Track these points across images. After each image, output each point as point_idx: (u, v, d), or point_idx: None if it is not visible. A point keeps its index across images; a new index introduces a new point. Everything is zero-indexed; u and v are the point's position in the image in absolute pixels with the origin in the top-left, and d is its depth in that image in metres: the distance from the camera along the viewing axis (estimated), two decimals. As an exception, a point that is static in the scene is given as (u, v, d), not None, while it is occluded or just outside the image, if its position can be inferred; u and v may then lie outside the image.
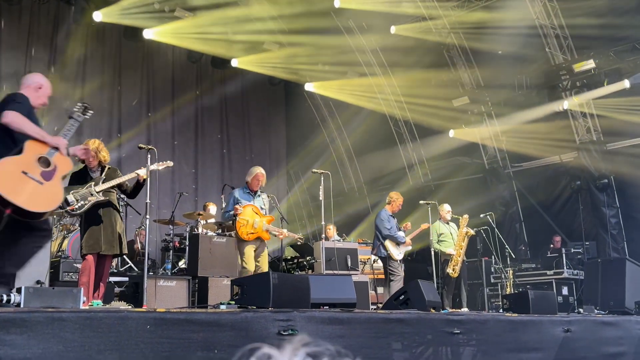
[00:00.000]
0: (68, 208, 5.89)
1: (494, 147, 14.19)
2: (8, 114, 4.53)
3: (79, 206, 5.91)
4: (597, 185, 12.45)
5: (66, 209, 5.94)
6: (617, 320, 7.57)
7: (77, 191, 5.96)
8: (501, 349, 5.99)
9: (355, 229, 14.67)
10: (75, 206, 5.90)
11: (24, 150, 4.58)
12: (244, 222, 7.55)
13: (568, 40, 12.31)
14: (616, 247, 12.25)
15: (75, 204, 5.89)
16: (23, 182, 4.45)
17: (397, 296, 6.60)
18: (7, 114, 4.52)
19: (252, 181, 7.82)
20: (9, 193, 4.33)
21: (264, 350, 1.22)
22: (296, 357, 1.22)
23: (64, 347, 3.45)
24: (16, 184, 4.41)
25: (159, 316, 3.93)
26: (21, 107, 4.72)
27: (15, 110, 4.60)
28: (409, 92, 14.91)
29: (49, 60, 12.29)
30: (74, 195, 5.92)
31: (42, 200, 4.54)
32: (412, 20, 13.69)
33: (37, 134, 4.69)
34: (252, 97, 16.09)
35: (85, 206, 5.94)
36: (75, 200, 5.90)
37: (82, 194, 5.96)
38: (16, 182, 4.42)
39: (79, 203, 5.91)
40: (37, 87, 5.21)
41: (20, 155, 4.55)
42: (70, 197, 5.89)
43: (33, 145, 4.64)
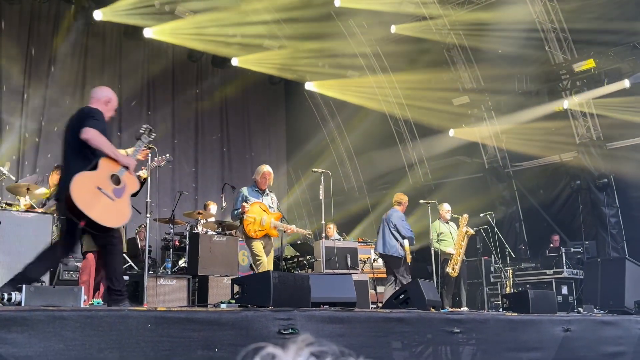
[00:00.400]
0: None
1: (494, 147, 14.19)
2: (89, 131, 4.81)
3: None
4: (596, 184, 12.46)
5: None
6: (616, 320, 7.57)
7: None
8: (501, 348, 5.99)
9: (355, 229, 14.68)
10: None
11: (98, 167, 4.87)
12: (252, 220, 7.56)
13: (568, 39, 12.31)
14: (616, 247, 12.26)
15: None
16: (97, 197, 4.78)
17: (397, 295, 6.61)
18: (88, 131, 4.80)
19: (261, 179, 7.86)
20: (85, 207, 4.65)
21: (268, 349, 1.23)
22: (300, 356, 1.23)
23: (65, 346, 3.46)
24: (91, 198, 4.73)
25: (159, 315, 3.94)
26: (99, 124, 4.97)
27: (94, 128, 4.87)
28: (409, 91, 14.92)
29: (49, 59, 12.29)
30: None
31: (112, 216, 4.89)
32: (413, 20, 13.70)
33: (112, 152, 4.98)
34: (252, 96, 16.10)
35: None
36: None
37: None
38: (91, 197, 4.73)
39: None
40: (107, 100, 5.39)
41: (95, 171, 4.85)
42: None
43: (107, 162, 4.94)
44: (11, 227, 6.67)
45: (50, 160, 11.83)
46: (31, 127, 11.86)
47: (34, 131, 11.90)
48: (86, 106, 5.21)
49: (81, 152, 4.89)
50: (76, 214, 4.67)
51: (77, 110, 5.20)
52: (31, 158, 11.74)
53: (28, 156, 11.72)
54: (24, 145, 11.69)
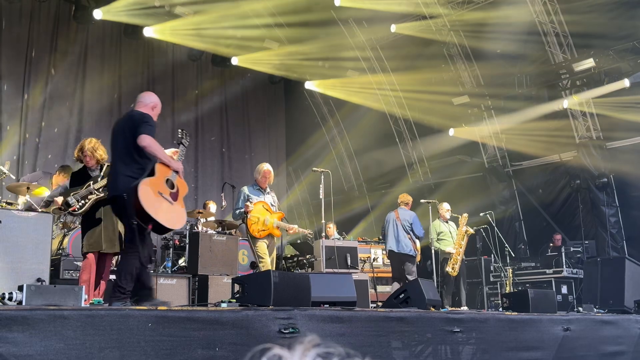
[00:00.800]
0: (70, 209, 5.95)
1: (493, 146, 14.20)
2: (146, 138, 5.04)
3: (80, 205, 5.97)
4: (596, 184, 12.46)
5: (68, 211, 6.00)
6: (616, 319, 7.58)
7: (76, 192, 6.00)
8: (501, 347, 6.00)
9: (355, 228, 14.69)
10: (76, 206, 5.95)
11: (155, 173, 5.13)
12: (255, 220, 7.56)
13: (568, 39, 12.31)
14: (615, 246, 12.26)
15: (76, 204, 5.95)
16: (160, 202, 5.07)
17: (397, 294, 6.62)
18: (145, 138, 5.03)
19: (261, 178, 7.87)
20: (153, 211, 4.94)
21: (275, 351, 1.24)
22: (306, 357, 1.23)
23: (66, 345, 3.47)
24: (156, 203, 5.02)
25: (160, 314, 3.95)
26: (152, 130, 5.19)
27: (149, 134, 5.10)
28: (409, 90, 14.91)
29: (49, 58, 12.29)
30: (74, 196, 5.97)
31: (174, 219, 5.18)
32: (413, 19, 13.70)
33: (166, 158, 5.24)
34: (252, 95, 16.10)
35: (86, 205, 5.99)
36: (76, 201, 5.96)
37: (82, 194, 6.01)
38: (156, 202, 5.02)
39: (79, 203, 5.96)
40: (153, 106, 5.53)
41: (154, 177, 5.11)
42: (71, 199, 5.96)
43: (161, 167, 5.20)
44: (11, 226, 6.66)
45: (50, 161, 11.84)
46: (31, 127, 11.86)
47: (34, 131, 11.90)
48: (135, 110, 5.37)
49: (132, 155, 5.11)
50: (144, 218, 4.93)
51: (127, 115, 5.39)
52: (31, 158, 11.75)
53: (28, 156, 11.72)
54: (24, 144, 11.68)
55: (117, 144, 5.23)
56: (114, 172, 5.22)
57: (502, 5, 12.32)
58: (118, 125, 5.36)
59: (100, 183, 6.08)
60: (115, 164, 5.23)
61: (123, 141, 5.17)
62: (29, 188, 7.81)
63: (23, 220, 6.85)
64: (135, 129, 5.07)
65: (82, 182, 6.16)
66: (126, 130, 5.16)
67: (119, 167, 5.14)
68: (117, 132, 5.29)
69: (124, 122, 5.31)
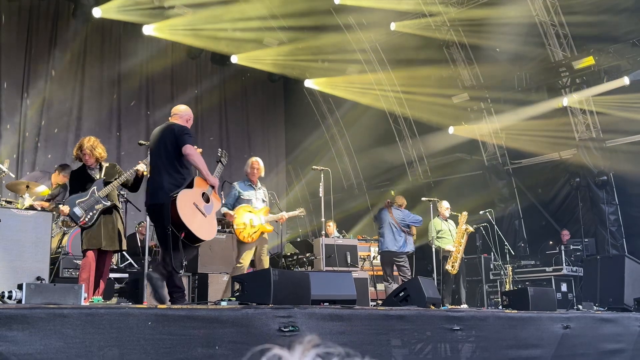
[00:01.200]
0: (80, 222, 5.95)
1: (493, 144, 14.19)
2: (190, 147, 5.45)
3: (89, 218, 5.97)
4: (596, 182, 12.46)
5: (78, 224, 5.99)
6: (616, 317, 7.58)
7: (82, 200, 5.99)
8: (500, 345, 6.00)
9: (355, 226, 14.69)
10: (85, 219, 5.95)
11: (194, 185, 5.49)
12: (242, 227, 7.46)
13: (568, 37, 12.31)
14: (615, 244, 12.27)
15: (84, 216, 5.95)
16: (194, 213, 5.40)
17: (396, 292, 6.62)
18: (189, 148, 5.44)
19: (250, 171, 7.79)
20: (187, 221, 5.26)
21: (275, 351, 1.24)
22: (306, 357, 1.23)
23: (65, 344, 3.47)
24: (190, 213, 5.35)
25: (159, 312, 3.95)
26: (194, 141, 5.60)
27: (192, 145, 5.51)
28: (408, 88, 14.91)
29: (49, 56, 12.28)
30: (81, 207, 5.95)
31: (205, 231, 5.50)
32: (412, 17, 13.69)
33: (205, 170, 5.58)
34: (252, 93, 16.09)
35: (95, 216, 5.99)
36: (84, 212, 5.95)
37: (89, 204, 5.99)
38: (190, 212, 5.35)
39: (87, 215, 5.96)
40: (188, 119, 5.93)
41: (192, 189, 5.46)
42: (79, 210, 5.95)
43: (199, 181, 5.57)
44: (11, 224, 6.66)
45: (50, 160, 11.83)
46: (31, 125, 11.85)
47: (34, 129, 11.89)
48: (174, 123, 5.73)
49: (174, 166, 5.47)
50: (179, 226, 5.27)
51: (167, 126, 5.69)
52: (30, 156, 11.74)
53: (27, 154, 11.72)
54: (24, 143, 11.68)
55: (159, 154, 5.54)
56: (156, 182, 5.50)
57: (502, 3, 12.31)
58: (158, 135, 5.65)
59: (104, 190, 6.07)
60: (158, 174, 5.51)
61: (165, 152, 5.50)
62: (28, 187, 7.81)
63: (22, 218, 6.85)
64: (177, 141, 5.45)
65: (82, 181, 6.15)
66: (167, 142, 5.50)
67: (163, 177, 5.45)
68: (158, 142, 5.59)
69: (164, 133, 5.60)
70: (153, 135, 5.80)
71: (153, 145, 5.70)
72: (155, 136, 5.73)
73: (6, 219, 6.64)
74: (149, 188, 5.63)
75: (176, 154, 5.47)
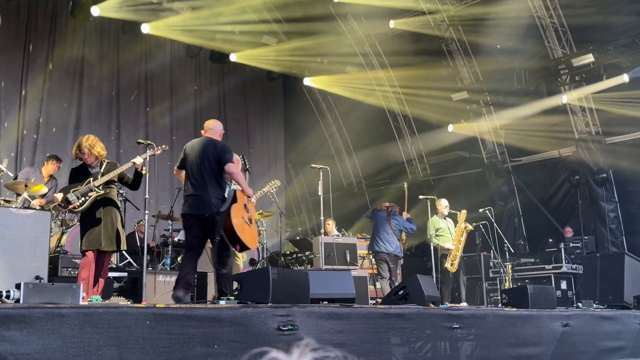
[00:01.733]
0: (70, 207, 5.93)
1: (492, 142, 14.18)
2: (232, 166, 5.98)
3: (80, 203, 5.95)
4: (595, 179, 12.45)
5: (68, 208, 5.98)
6: (615, 315, 7.58)
7: (76, 189, 5.98)
8: (500, 343, 6.00)
9: (354, 224, 14.66)
10: (76, 203, 5.93)
11: (237, 199, 5.95)
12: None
13: (567, 34, 12.29)
14: (615, 242, 12.26)
15: (76, 201, 5.93)
16: (244, 225, 5.95)
17: (396, 291, 6.61)
18: (232, 167, 5.97)
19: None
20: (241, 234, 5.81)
21: (272, 354, 1.23)
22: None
23: (64, 343, 3.46)
24: (242, 226, 5.88)
25: (158, 312, 3.94)
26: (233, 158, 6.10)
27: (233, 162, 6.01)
28: (407, 86, 14.89)
29: (47, 55, 12.26)
30: (74, 193, 5.95)
31: (252, 240, 6.10)
32: (411, 15, 13.67)
33: (245, 184, 6.08)
34: (251, 91, 16.06)
35: (87, 202, 5.97)
36: (76, 198, 5.94)
37: (82, 191, 5.98)
38: (242, 226, 5.87)
39: (79, 200, 5.94)
40: (221, 133, 6.49)
41: (237, 203, 5.94)
42: (71, 196, 5.94)
43: (241, 194, 6.03)
44: (9, 223, 6.65)
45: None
46: (29, 124, 11.83)
47: (32, 128, 11.88)
48: (213, 138, 6.23)
49: (218, 180, 5.97)
50: (233, 239, 5.83)
51: (207, 141, 6.13)
52: (29, 155, 11.72)
53: (26, 153, 11.70)
54: (22, 141, 11.66)
55: (203, 167, 5.96)
56: (205, 193, 5.90)
57: (501, 0, 12.29)
58: (200, 150, 6.05)
59: (100, 180, 6.05)
60: (204, 188, 5.92)
61: (209, 167, 5.96)
62: (26, 186, 7.80)
63: (21, 217, 6.84)
64: (220, 157, 5.95)
65: (82, 179, 6.14)
66: (211, 158, 5.96)
67: (211, 190, 5.90)
68: (201, 156, 6.00)
69: (207, 148, 6.04)
70: (192, 148, 6.12)
71: (195, 159, 6.03)
72: (195, 150, 6.07)
73: (5, 218, 6.63)
74: (192, 200, 5.96)
75: (219, 169, 5.94)
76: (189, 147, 6.19)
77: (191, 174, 6.04)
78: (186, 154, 6.16)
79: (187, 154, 6.15)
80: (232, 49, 14.03)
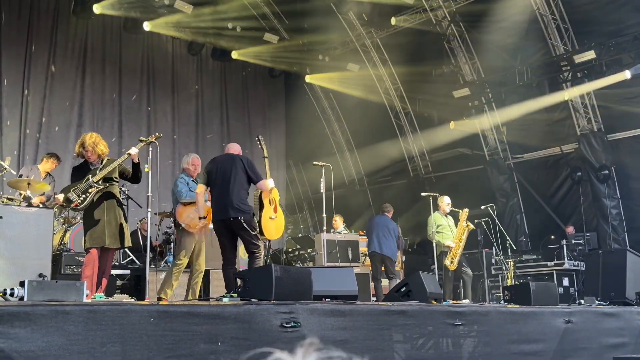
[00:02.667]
0: (72, 205, 5.94)
1: (494, 139, 14.18)
2: (263, 184, 6.69)
3: (81, 200, 5.95)
4: (597, 176, 12.44)
5: (70, 207, 5.99)
6: (618, 311, 7.58)
7: (76, 187, 5.98)
8: (502, 340, 6.01)
9: (356, 221, 14.68)
10: (78, 201, 5.94)
11: (264, 204, 6.71)
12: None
13: (569, 30, 12.27)
14: (617, 238, 12.25)
15: (77, 199, 5.93)
16: (270, 223, 6.73)
17: (398, 288, 6.61)
18: (263, 183, 6.69)
19: (193, 168, 7.46)
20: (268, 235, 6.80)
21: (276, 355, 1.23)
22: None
23: (68, 340, 3.47)
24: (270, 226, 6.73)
25: (162, 309, 3.95)
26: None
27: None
28: (409, 83, 14.90)
29: (49, 53, 12.27)
30: (75, 192, 5.95)
31: (279, 228, 6.94)
32: (412, 12, 13.67)
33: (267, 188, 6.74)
34: (252, 89, 16.07)
35: (88, 198, 5.97)
36: (77, 196, 5.94)
37: (82, 188, 5.98)
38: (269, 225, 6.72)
39: (80, 198, 5.94)
40: (241, 150, 7.07)
41: (265, 208, 6.70)
42: (72, 195, 5.94)
43: (265, 195, 6.74)
44: (13, 222, 6.67)
45: (51, 156, 11.83)
46: (31, 122, 11.85)
47: (35, 126, 11.89)
48: (241, 155, 6.88)
49: (246, 189, 6.64)
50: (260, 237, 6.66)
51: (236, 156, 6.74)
52: (31, 153, 11.74)
53: (28, 151, 11.72)
54: (24, 140, 11.68)
55: (233, 178, 6.51)
56: (237, 198, 6.48)
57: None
58: (229, 162, 6.65)
59: (98, 175, 6.04)
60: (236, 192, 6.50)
61: (238, 179, 6.54)
62: (29, 184, 7.81)
63: (24, 215, 6.86)
64: (248, 171, 6.61)
65: (84, 177, 6.15)
66: (240, 170, 6.57)
67: (242, 196, 6.52)
68: (231, 168, 6.57)
69: (236, 162, 6.65)
70: (220, 162, 6.70)
71: (223, 170, 6.58)
72: (224, 163, 6.67)
73: (8, 216, 6.65)
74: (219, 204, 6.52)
75: (246, 181, 6.61)
76: (217, 162, 6.75)
77: (216, 182, 6.58)
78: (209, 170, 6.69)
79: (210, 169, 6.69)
80: (234, 46, 14.03)
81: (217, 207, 6.57)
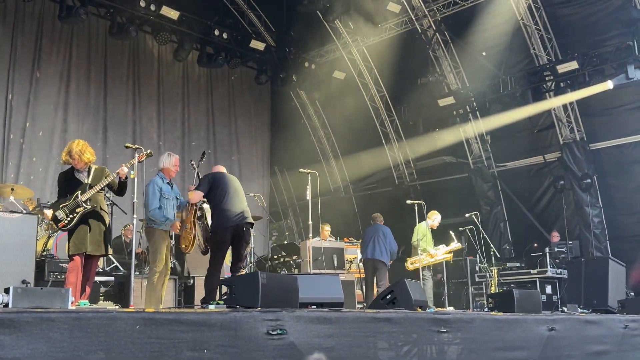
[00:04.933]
0: (59, 225, 5.94)
1: (479, 147, 14.29)
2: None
3: (68, 221, 5.95)
4: (580, 185, 12.57)
5: (58, 227, 5.99)
6: (600, 319, 7.66)
7: (65, 204, 5.96)
8: (487, 347, 6.04)
9: (341, 229, 14.68)
10: (65, 221, 5.94)
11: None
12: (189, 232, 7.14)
13: (552, 41, 12.43)
14: (599, 247, 12.38)
15: (64, 219, 5.93)
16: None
17: (383, 295, 6.63)
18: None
19: (174, 168, 7.32)
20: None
21: None
22: None
23: (53, 348, 3.45)
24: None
25: (147, 316, 3.93)
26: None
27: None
28: (394, 91, 14.98)
29: (34, 58, 12.16)
30: (63, 210, 5.94)
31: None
32: (398, 20, 13.77)
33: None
34: (239, 95, 16.04)
35: (75, 219, 5.97)
36: (65, 215, 5.93)
37: (70, 207, 5.96)
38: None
39: (68, 217, 5.94)
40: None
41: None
42: (60, 213, 5.94)
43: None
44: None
45: (34, 162, 11.73)
46: (15, 127, 11.72)
47: (18, 131, 11.76)
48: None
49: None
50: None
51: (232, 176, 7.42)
52: (15, 159, 11.61)
53: (12, 157, 11.58)
54: (8, 144, 11.55)
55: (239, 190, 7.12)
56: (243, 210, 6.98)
57: (487, 7, 12.42)
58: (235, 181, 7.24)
59: (87, 193, 6.01)
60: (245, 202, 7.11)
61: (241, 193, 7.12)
62: (13, 189, 7.76)
63: (7, 221, 6.81)
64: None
65: (70, 184, 6.11)
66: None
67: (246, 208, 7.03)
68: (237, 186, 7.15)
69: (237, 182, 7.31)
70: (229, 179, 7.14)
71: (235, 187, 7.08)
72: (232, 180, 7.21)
73: (-9, 222, 6.59)
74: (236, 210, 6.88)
75: None
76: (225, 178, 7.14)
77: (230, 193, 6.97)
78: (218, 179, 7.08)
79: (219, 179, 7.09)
80: (220, 53, 13.99)
81: (232, 213, 6.81)
